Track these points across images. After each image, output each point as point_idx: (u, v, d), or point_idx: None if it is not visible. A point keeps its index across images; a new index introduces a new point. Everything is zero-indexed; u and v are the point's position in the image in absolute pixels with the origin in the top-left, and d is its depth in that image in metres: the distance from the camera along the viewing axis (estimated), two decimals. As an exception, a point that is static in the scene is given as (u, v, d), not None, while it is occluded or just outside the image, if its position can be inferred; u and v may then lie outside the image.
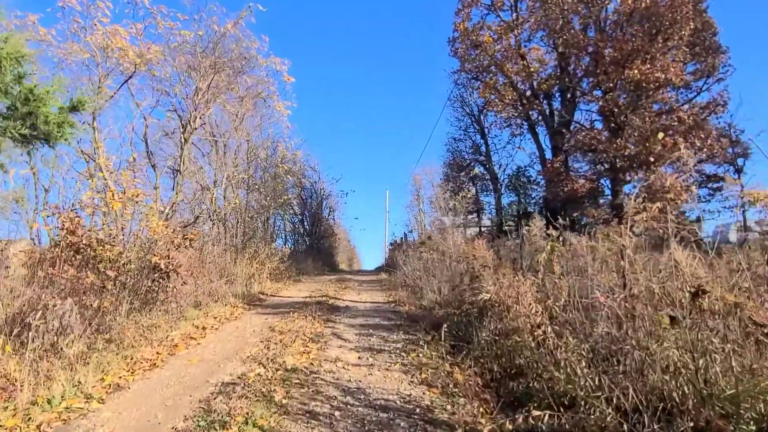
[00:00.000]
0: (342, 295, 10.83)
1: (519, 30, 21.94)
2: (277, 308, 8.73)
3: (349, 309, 8.59)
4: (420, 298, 9.41)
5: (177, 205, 10.22)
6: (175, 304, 8.01)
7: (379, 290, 12.14)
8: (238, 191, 16.91)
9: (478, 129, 29.08)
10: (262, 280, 12.67)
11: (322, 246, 31.35)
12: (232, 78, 11.70)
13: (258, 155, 17.50)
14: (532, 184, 27.30)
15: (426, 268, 10.77)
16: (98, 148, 9.32)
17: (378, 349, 5.44)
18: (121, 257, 7.19)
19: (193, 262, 9.39)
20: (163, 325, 6.81)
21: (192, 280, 8.09)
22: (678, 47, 17.23)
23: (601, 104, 17.99)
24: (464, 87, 28.75)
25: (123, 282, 6.98)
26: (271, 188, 19.91)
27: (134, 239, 7.81)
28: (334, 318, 7.48)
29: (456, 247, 9.59)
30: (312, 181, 29.92)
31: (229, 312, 8.18)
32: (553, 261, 4.77)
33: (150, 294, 7.29)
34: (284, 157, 20.35)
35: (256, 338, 6.04)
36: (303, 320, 7.17)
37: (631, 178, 18.19)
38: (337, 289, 12.29)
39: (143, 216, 8.06)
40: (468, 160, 29.75)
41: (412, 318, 7.39)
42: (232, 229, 15.94)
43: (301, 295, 10.80)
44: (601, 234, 4.98)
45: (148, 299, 7.29)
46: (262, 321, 7.35)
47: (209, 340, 6.06)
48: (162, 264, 7.18)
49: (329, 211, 33.07)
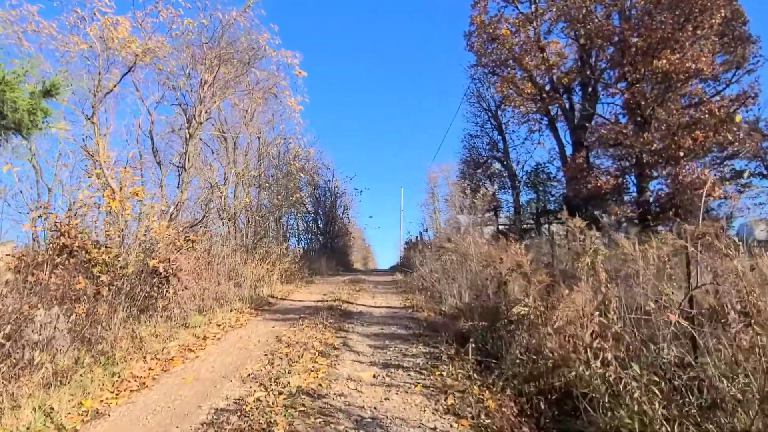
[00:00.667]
0: (356, 298, 10.24)
1: (538, 22, 21.14)
2: (287, 314, 8.16)
3: (363, 315, 7.99)
4: (439, 303, 8.79)
5: (182, 204, 9.70)
6: (178, 310, 7.51)
7: (395, 293, 11.52)
8: (249, 189, 16.44)
9: (495, 125, 28.27)
10: (273, 282, 12.14)
11: (337, 245, 30.84)
12: (240, 70, 11.15)
13: (269, 152, 16.98)
14: (551, 181, 26.42)
15: (445, 270, 10.14)
16: (98, 144, 8.84)
17: (395, 364, 4.82)
18: (118, 260, 6.68)
19: (197, 265, 8.88)
20: (163, 334, 6.29)
21: (195, 284, 7.55)
22: (707, 37, 16.32)
23: (627, 96, 17.13)
24: (481, 82, 28.01)
25: (119, 287, 6.47)
26: (283, 186, 19.41)
27: (133, 241, 7.30)
28: (347, 326, 6.88)
29: (477, 248, 8.93)
30: (326, 179, 29.39)
31: (235, 318, 7.63)
32: (598, 266, 4.11)
33: (149, 300, 6.76)
34: (297, 155, 19.83)
35: (261, 351, 5.47)
36: (313, 329, 6.58)
37: (658, 174, 17.32)
38: (350, 291, 11.71)
39: (142, 216, 7.54)
40: (485, 157, 28.96)
41: (431, 326, 6.77)
42: (243, 229, 15.47)
43: (313, 299, 10.24)
44: (635, 234, 4.33)
45: (146, 306, 6.77)
46: (268, 329, 6.78)
47: (209, 353, 5.49)
48: (161, 268, 6.64)
49: (343, 210, 32.55)
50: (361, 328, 6.73)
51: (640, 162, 17.15)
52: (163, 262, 6.80)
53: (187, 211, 13.24)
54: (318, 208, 29.29)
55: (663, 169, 16.93)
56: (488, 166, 28.96)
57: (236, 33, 10.93)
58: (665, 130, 16.51)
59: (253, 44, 10.76)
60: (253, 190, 17.03)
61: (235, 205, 14.30)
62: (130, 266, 6.70)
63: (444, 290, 8.98)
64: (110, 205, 7.52)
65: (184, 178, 9.71)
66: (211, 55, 9.68)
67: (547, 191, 26.77)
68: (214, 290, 9.32)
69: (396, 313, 8.26)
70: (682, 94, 17.61)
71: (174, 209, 9.55)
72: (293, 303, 9.68)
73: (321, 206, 29.59)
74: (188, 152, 9.68)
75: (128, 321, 6.41)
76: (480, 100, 28.81)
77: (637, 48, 15.83)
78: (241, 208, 15.00)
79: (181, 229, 10.26)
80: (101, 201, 7.82)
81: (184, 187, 9.71)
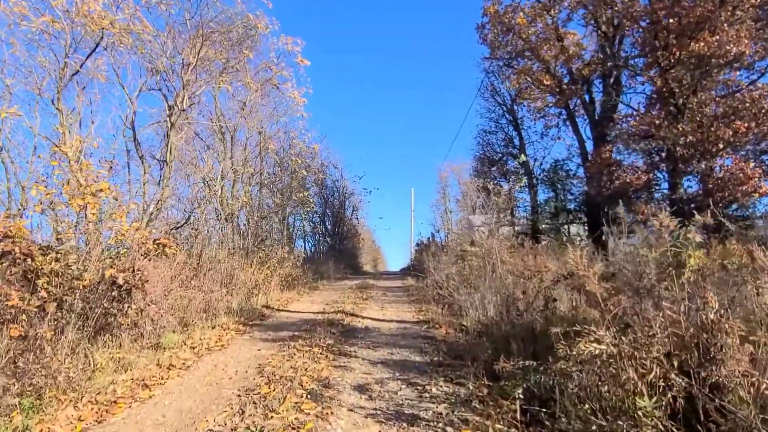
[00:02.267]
0: (362, 309, 8.96)
1: (556, 10, 19.83)
2: (279, 330, 6.91)
3: (369, 332, 6.71)
4: (459, 317, 7.50)
5: (163, 202, 8.51)
6: (151, 327, 6.31)
7: (407, 302, 10.23)
8: (249, 188, 15.25)
9: (510, 120, 26.92)
10: (270, 290, 10.92)
11: (345, 247, 29.65)
12: (230, 52, 9.95)
13: (270, 148, 15.76)
14: (571, 178, 24.96)
15: (464, 277, 8.85)
16: (64, 135, 7.67)
17: (410, 415, 3.54)
18: (70, 269, 5.47)
19: (180, 273, 7.68)
20: (125, 359, 5.10)
21: (165, 297, 6.33)
22: (742, 20, 14.84)
23: (659, 84, 15.70)
24: (495, 75, 26.74)
25: (70, 303, 5.27)
26: (286, 185, 18.20)
27: (93, 246, 6.09)
28: (349, 349, 5.60)
29: (504, 253, 7.64)
30: (334, 178, 28.18)
31: (216, 337, 6.40)
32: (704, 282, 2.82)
33: (109, 318, 5.55)
34: (301, 151, 18.60)
35: (234, 388, 4.21)
36: (306, 353, 5.32)
37: (693, 169, 15.84)
38: (356, 300, 10.44)
39: (105, 216, 6.33)
40: (500, 154, 27.62)
41: (453, 350, 5.47)
42: (242, 230, 14.29)
43: (313, 309, 8.98)
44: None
45: (104, 325, 5.56)
46: (252, 354, 5.53)
47: (168, 390, 4.25)
48: (120, 279, 5.41)
49: (352, 211, 31.33)
50: (365, 353, 5.45)
51: (673, 156, 15.70)
52: (124, 272, 5.58)
53: (180, 211, 12.08)
54: (326, 209, 28.13)
55: (698, 163, 15.48)
56: (503, 163, 27.61)
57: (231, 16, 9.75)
58: (700, 121, 15.08)
59: (245, 23, 9.54)
60: (254, 188, 15.85)
61: (231, 205, 13.10)
62: (85, 276, 5.49)
63: (464, 301, 7.68)
64: (70, 204, 6.35)
65: (166, 173, 8.50)
66: (194, 33, 8.48)
67: (566, 189, 25.34)
68: (203, 300, 8.14)
69: (408, 329, 6.96)
70: (718, 83, 16.18)
71: (154, 208, 8.35)
72: (290, 315, 8.42)
73: (329, 207, 28.43)
74: (170, 143, 8.49)
75: (80, 344, 5.22)
76: (494, 94, 27.51)
77: (671, 29, 14.41)
78: (238, 207, 13.80)
79: (162, 231, 9.07)
80: (64, 199, 6.67)
81: (165, 183, 8.51)
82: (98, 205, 6.50)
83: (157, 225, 9.49)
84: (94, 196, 6.39)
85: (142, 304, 5.68)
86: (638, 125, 15.66)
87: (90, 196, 6.36)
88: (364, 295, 11.49)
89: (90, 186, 6.48)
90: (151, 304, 5.74)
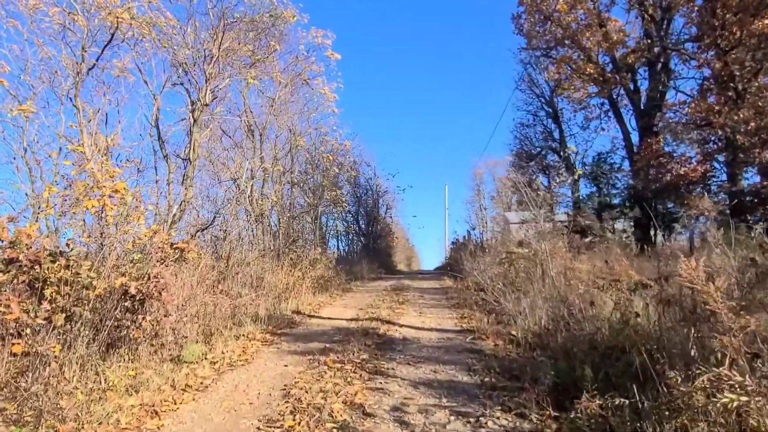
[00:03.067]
0: (398, 315, 8.29)
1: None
2: (309, 341, 6.31)
3: (407, 344, 6.03)
4: (506, 325, 6.75)
5: (188, 203, 8.05)
6: (172, 337, 5.82)
7: (446, 306, 9.50)
8: (282, 186, 14.80)
9: (550, 112, 25.75)
10: (302, 293, 10.38)
11: (379, 246, 29.09)
12: (254, 42, 9.41)
13: (301, 145, 15.26)
14: (615, 171, 23.64)
15: (510, 280, 8.09)
16: (82, 133, 7.27)
17: (464, 460, 2.85)
18: (79, 278, 4.99)
19: (199, 279, 7.19)
20: (144, 375, 4.61)
21: (182, 306, 5.81)
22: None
23: (717, 67, 14.47)
24: (532, 66, 25.65)
25: (80, 314, 4.79)
26: (318, 183, 17.69)
27: (107, 251, 5.61)
28: (386, 366, 4.94)
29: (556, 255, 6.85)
30: (367, 177, 27.63)
31: (240, 350, 5.84)
32: None
33: (121, 330, 5.06)
34: (333, 148, 18.06)
35: (254, 418, 3.60)
36: (338, 371, 4.69)
37: (754, 158, 14.52)
38: (392, 303, 9.78)
39: (120, 218, 5.84)
40: (539, 148, 26.49)
41: (505, 368, 4.73)
42: (273, 230, 13.85)
43: (346, 315, 8.37)
44: None
45: (117, 338, 5.06)
46: (278, 371, 4.93)
47: (180, 419, 3.68)
48: (132, 288, 4.90)
49: (386, 209, 30.72)
50: (405, 370, 4.78)
51: (732, 145, 14.47)
52: (138, 280, 5.07)
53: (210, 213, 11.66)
54: (359, 208, 27.63)
55: (761, 153, 14.18)
56: (542, 158, 26.48)
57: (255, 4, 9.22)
58: (762, 106, 13.81)
59: (272, 12, 8.98)
60: (285, 187, 15.40)
61: (261, 204, 12.64)
62: (96, 285, 5.00)
63: (512, 308, 6.92)
64: (86, 206, 5.90)
65: (189, 172, 8.03)
66: (216, 23, 7.98)
67: (610, 183, 24.04)
68: (230, 306, 7.65)
69: (452, 340, 6.25)
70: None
71: (177, 209, 7.89)
72: (321, 323, 7.83)
73: (362, 205, 27.92)
74: (193, 140, 8.01)
75: (90, 360, 4.75)
76: (532, 85, 26.40)
77: (731, 6, 13.19)
78: (269, 207, 13.34)
79: (188, 233, 8.63)
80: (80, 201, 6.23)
81: (189, 183, 8.04)
82: (114, 207, 6.03)
83: (183, 227, 9.08)
84: (109, 198, 5.93)
85: (158, 314, 5.16)
86: (693, 112, 14.48)
87: (106, 197, 5.90)
88: (400, 298, 10.82)
89: (106, 186, 6.02)
90: (168, 314, 5.21)
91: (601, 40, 19.39)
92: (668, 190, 17.08)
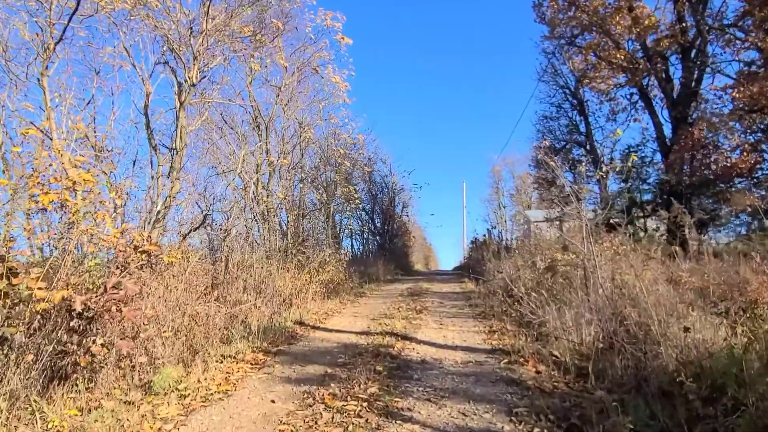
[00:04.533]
0: (416, 328, 7.16)
1: (629, -24, 17.54)
2: (308, 363, 5.22)
3: (426, 370, 4.89)
4: (545, 341, 5.60)
5: (173, 198, 7.02)
6: (145, 358, 4.84)
7: (470, 316, 8.33)
8: (291, 182, 13.77)
9: (575, 104, 24.34)
10: (308, 299, 9.32)
11: (395, 245, 28.01)
12: (254, 21, 8.37)
13: (310, 138, 14.21)
14: (647, 165, 22.16)
15: (545, 287, 6.92)
16: (49, 118, 6.30)
17: None
18: (15, 290, 3.98)
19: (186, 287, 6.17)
20: (108, 405, 3.59)
21: (145, 321, 4.75)
22: None
23: (765, 47, 13.06)
24: (556, 56, 24.27)
25: (7, 339, 3.78)
26: (330, 180, 16.64)
27: (61, 256, 4.59)
28: (400, 404, 3.81)
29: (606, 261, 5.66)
30: (382, 174, 26.57)
31: (223, 375, 4.78)
32: None
33: (66, 358, 4.01)
34: (345, 142, 16.98)
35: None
36: (338, 412, 3.59)
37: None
38: (408, 312, 8.65)
39: (80, 216, 4.80)
40: (563, 141, 25.07)
41: (558, 409, 3.57)
42: (280, 230, 12.84)
43: (356, 328, 7.28)
44: None
45: (64, 368, 4.03)
46: (262, 411, 3.84)
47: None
48: (77, 303, 3.85)
49: (402, 207, 29.63)
50: (425, 412, 3.65)
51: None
52: (89, 292, 4.04)
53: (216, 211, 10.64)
54: (374, 206, 26.58)
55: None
56: (567, 152, 25.08)
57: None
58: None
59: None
60: (295, 183, 14.37)
61: (267, 201, 11.62)
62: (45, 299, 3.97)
63: (552, 321, 5.75)
64: (42, 201, 4.89)
65: (176, 164, 7.01)
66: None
67: (641, 178, 22.59)
68: (226, 315, 6.65)
69: (481, 364, 5.09)
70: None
71: (162, 206, 6.87)
72: (326, 337, 6.73)
73: (378, 204, 26.86)
74: (179, 127, 6.99)
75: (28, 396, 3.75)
76: (555, 76, 25.01)
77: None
78: (275, 204, 12.32)
79: (181, 233, 7.63)
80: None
81: (175, 176, 7.01)
82: (76, 203, 5.01)
83: (174, 227, 8.09)
84: (69, 191, 4.91)
85: (111, 336, 4.11)
86: (742, 98, 13.07)
87: (66, 191, 4.89)
88: (418, 305, 9.67)
89: (70, 177, 4.99)
90: (124, 338, 4.16)
91: (631, 25, 18.12)
92: (706, 184, 15.74)
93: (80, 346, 3.95)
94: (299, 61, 12.78)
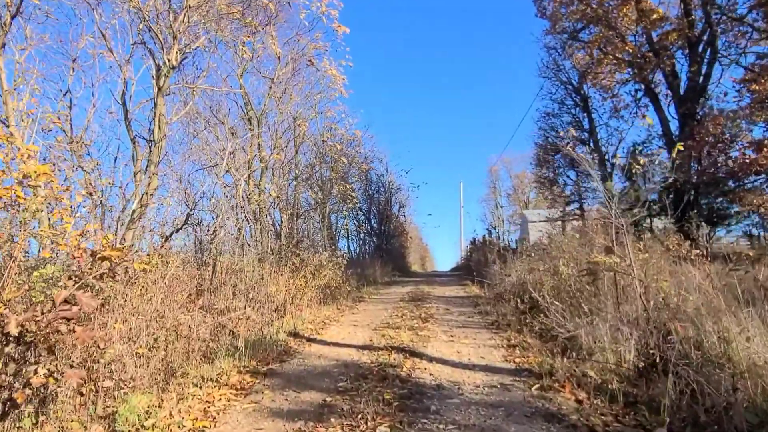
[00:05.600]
0: (424, 340, 6.38)
1: (635, -33, 16.98)
2: (302, 389, 4.44)
3: (444, 399, 4.10)
4: (575, 358, 4.84)
5: (150, 196, 6.22)
6: (111, 382, 4.07)
7: (483, 326, 7.55)
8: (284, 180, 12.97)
9: (578, 100, 23.63)
10: (302, 307, 8.54)
11: (392, 246, 27.29)
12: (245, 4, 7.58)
13: (305, 132, 13.42)
14: (654, 164, 21.39)
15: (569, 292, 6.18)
16: (6, 104, 5.49)
17: None
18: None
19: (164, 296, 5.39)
20: None
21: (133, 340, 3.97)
22: None
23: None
24: (558, 51, 23.58)
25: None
26: (326, 178, 15.84)
27: (5, 263, 3.80)
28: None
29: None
30: (378, 173, 25.83)
31: (201, 406, 3.99)
32: None
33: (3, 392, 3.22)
34: (342, 138, 16.19)
35: None
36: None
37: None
38: (413, 321, 7.88)
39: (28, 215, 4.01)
40: (566, 139, 24.37)
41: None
42: (272, 231, 12.04)
43: (357, 341, 6.50)
44: None
45: None
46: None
47: None
48: (13, 325, 3.05)
49: (399, 207, 28.90)
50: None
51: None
52: (27, 311, 3.24)
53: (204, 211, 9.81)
54: (371, 206, 25.82)
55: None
56: (573, 148, 24.40)
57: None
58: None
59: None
60: (289, 181, 13.56)
61: (258, 200, 10.82)
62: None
63: (585, 336, 4.99)
64: None
65: (154, 157, 6.21)
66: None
67: (646, 176, 21.84)
68: (212, 325, 5.90)
69: (508, 389, 4.31)
70: None
71: (137, 204, 6.06)
72: (324, 352, 5.94)
73: (374, 203, 26.11)
74: (158, 115, 6.19)
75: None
76: (557, 72, 24.30)
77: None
78: (267, 203, 11.52)
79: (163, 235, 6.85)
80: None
81: (153, 171, 6.21)
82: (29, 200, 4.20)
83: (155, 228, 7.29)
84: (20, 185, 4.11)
85: (57, 365, 3.32)
86: (764, 89, 12.40)
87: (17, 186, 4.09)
88: (422, 312, 8.90)
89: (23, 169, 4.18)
90: (74, 365, 3.37)
91: (638, 18, 17.54)
92: (716, 183, 15.14)
93: (17, 377, 3.15)
94: (293, 52, 12.01)
